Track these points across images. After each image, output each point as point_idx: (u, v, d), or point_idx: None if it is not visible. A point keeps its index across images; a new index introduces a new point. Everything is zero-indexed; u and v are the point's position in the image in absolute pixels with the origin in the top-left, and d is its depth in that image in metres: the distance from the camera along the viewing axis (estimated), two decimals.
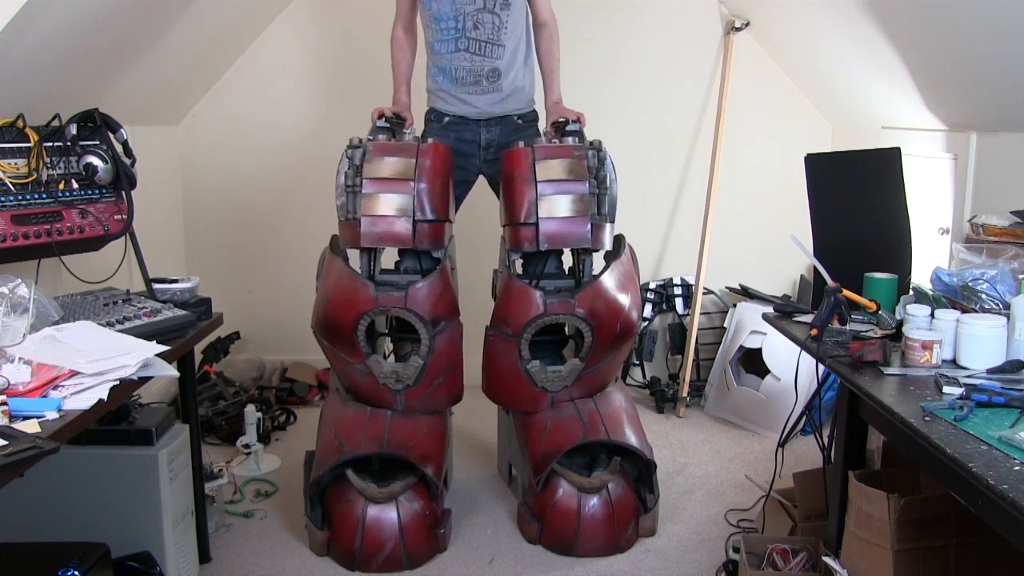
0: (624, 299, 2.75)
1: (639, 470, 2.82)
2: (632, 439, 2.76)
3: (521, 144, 2.71)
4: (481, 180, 3.07)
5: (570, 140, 2.76)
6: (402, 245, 2.64)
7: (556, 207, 2.62)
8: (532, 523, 2.75)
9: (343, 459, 2.62)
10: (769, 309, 2.50)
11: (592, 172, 2.65)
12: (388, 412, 2.73)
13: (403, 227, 2.59)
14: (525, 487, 2.85)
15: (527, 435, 2.79)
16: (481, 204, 3.15)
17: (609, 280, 2.72)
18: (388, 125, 2.81)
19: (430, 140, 2.67)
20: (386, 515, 2.59)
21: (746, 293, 4.00)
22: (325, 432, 2.76)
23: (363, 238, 2.60)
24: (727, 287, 4.18)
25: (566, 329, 3.00)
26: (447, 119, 2.97)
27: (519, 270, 2.85)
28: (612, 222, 2.76)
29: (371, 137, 2.72)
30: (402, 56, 2.98)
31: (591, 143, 2.73)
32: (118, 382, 1.78)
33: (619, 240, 2.95)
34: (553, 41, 2.98)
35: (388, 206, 2.58)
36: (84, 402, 1.68)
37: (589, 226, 2.64)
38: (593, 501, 2.68)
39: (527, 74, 2.99)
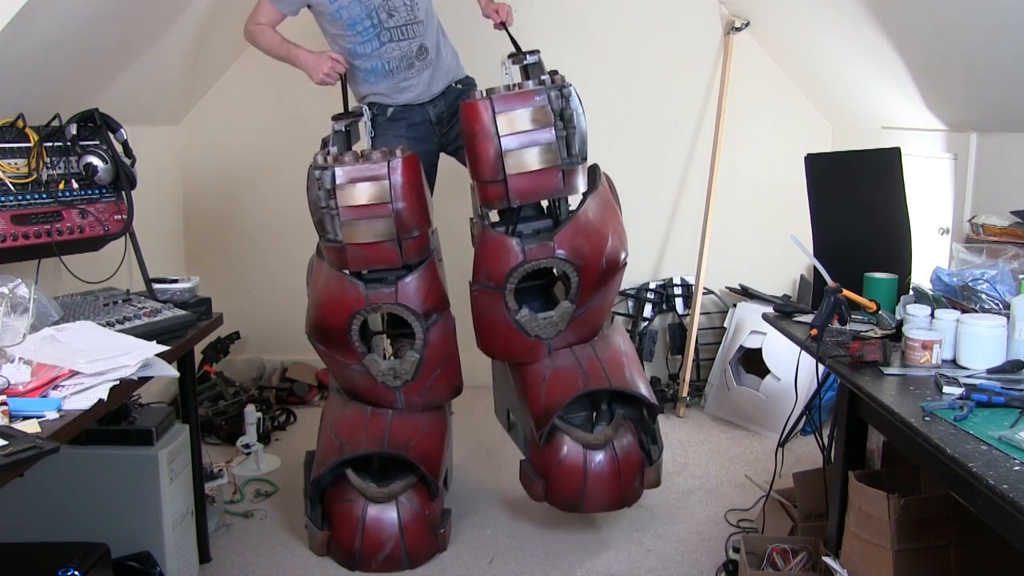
0: (606, 232, 2.66)
1: (641, 413, 2.76)
2: (635, 384, 2.69)
3: (478, 95, 2.53)
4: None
5: (529, 84, 2.56)
6: (392, 266, 2.59)
7: (524, 161, 2.49)
8: (537, 481, 2.69)
9: (343, 458, 2.62)
10: (769, 309, 2.50)
11: (557, 113, 2.50)
12: (389, 412, 2.72)
13: (390, 249, 2.53)
14: (527, 439, 2.78)
15: (526, 387, 2.72)
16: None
17: (588, 215, 2.64)
18: (346, 128, 2.74)
19: (399, 154, 2.51)
20: (386, 515, 2.59)
21: (746, 293, 4.00)
22: (325, 432, 2.75)
23: (351, 263, 2.57)
24: (727, 287, 4.18)
25: (554, 271, 2.88)
26: (391, 110, 2.92)
27: (495, 217, 2.76)
28: (584, 159, 2.64)
29: (333, 147, 2.61)
30: (272, 32, 2.94)
31: (552, 79, 2.58)
32: (118, 382, 1.78)
33: (593, 171, 2.80)
34: None
35: (370, 233, 2.50)
36: (84, 402, 1.69)
37: (560, 175, 2.53)
38: (599, 457, 2.63)
39: (447, 43, 2.98)
